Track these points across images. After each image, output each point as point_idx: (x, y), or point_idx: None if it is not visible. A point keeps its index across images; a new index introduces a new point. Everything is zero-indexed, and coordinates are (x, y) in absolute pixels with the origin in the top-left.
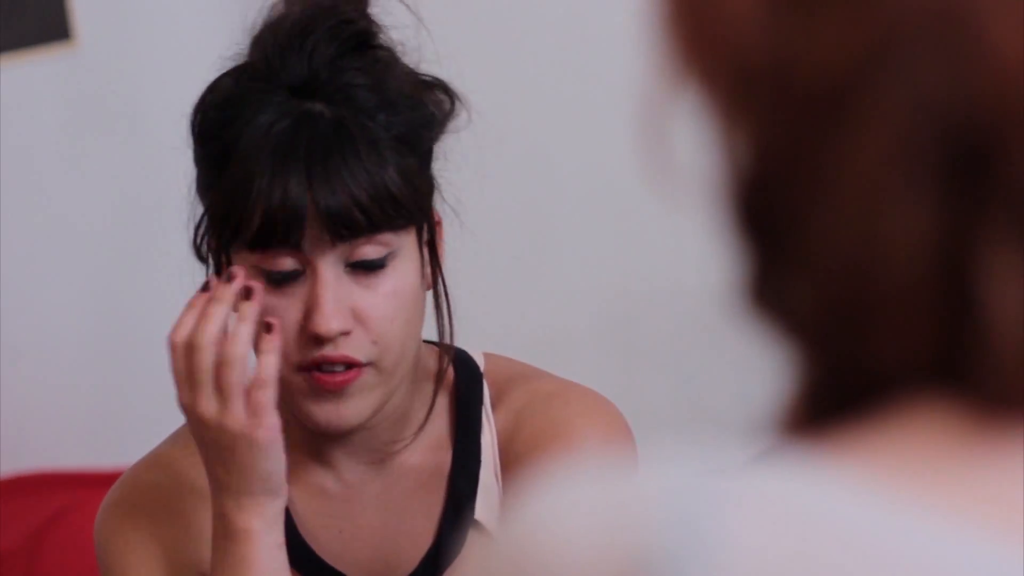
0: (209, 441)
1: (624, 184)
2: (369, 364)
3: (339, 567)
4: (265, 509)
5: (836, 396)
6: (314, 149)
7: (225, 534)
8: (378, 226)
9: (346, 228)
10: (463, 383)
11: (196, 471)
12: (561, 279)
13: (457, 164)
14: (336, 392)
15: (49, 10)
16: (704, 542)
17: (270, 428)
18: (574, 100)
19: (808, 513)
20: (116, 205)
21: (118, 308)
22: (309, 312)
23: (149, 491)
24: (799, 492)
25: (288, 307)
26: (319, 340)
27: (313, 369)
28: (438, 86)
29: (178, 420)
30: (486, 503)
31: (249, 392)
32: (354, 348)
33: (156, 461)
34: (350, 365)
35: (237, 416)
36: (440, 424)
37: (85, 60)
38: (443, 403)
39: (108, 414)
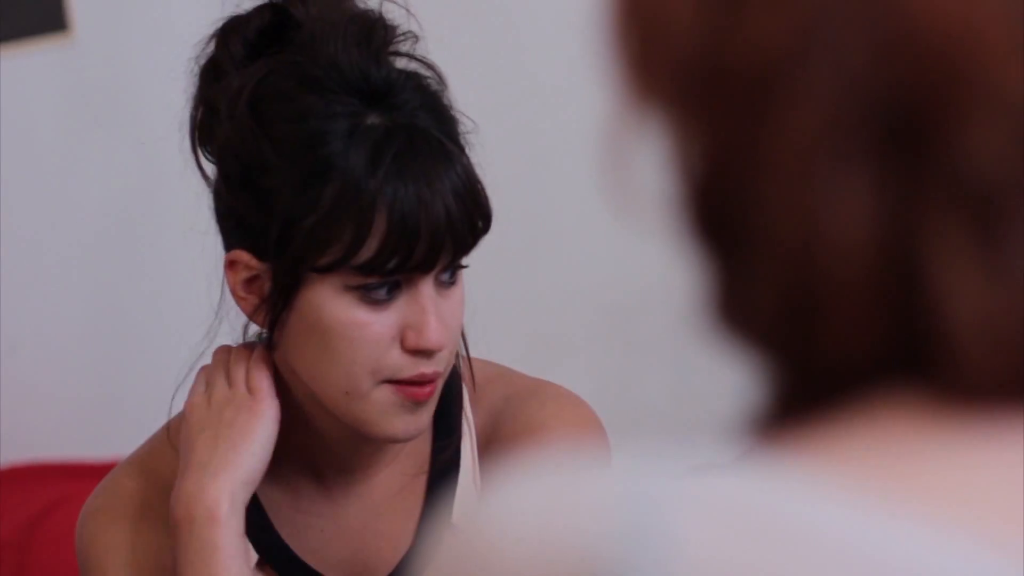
0: (209, 420)
1: None
2: (441, 372)
3: (319, 568)
4: (236, 491)
5: (803, 398)
6: (440, 176)
7: (190, 517)
8: (478, 241)
9: (463, 247)
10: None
11: (176, 474)
12: (558, 276)
13: None
14: (419, 403)
15: (45, 1)
16: (656, 547)
17: (271, 404)
18: (569, 100)
19: (761, 516)
20: (112, 197)
21: (114, 299)
22: (414, 328)
23: (131, 497)
24: (753, 495)
25: (381, 320)
26: (424, 355)
27: (402, 383)
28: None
29: (172, 411)
30: (464, 507)
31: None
32: (440, 359)
33: (136, 467)
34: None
35: (243, 392)
36: None
37: (82, 51)
38: None
39: (104, 405)
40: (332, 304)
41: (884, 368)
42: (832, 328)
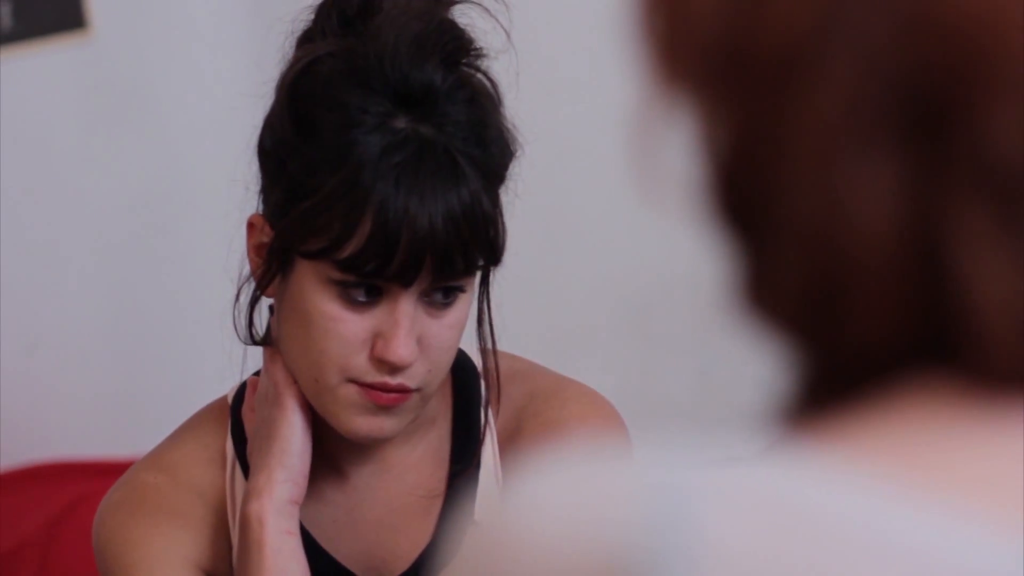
0: (258, 422)
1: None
2: (417, 390)
3: (336, 557)
4: (276, 489)
5: (830, 386)
6: (436, 193)
7: (243, 518)
8: (473, 270)
9: (451, 271)
10: (461, 382)
11: (195, 469)
12: (579, 269)
13: None
14: (383, 408)
15: None
16: (685, 538)
17: (289, 393)
18: (593, 88)
19: (789, 507)
20: (132, 195)
21: (134, 298)
22: (383, 338)
23: (149, 492)
24: (780, 486)
25: (356, 321)
26: (387, 366)
27: (364, 384)
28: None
29: (193, 409)
30: (486, 505)
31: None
32: (411, 376)
33: (155, 462)
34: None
35: (271, 388)
36: (441, 424)
37: (100, 49)
38: (443, 402)
39: (124, 404)
40: (314, 292)
41: (910, 354)
42: (857, 312)
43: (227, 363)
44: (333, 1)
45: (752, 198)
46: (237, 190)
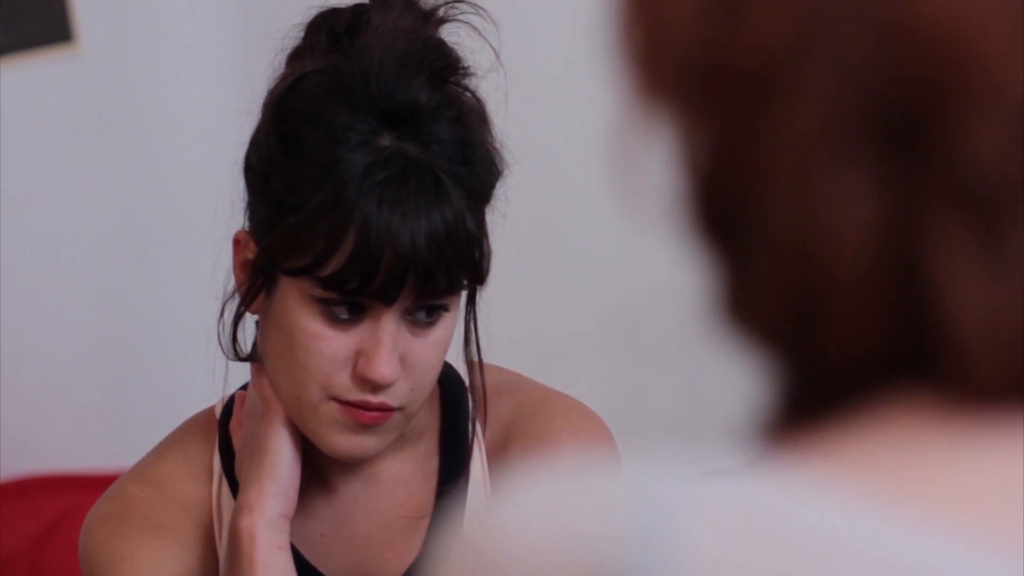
0: (246, 435)
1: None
2: (400, 408)
3: (323, 571)
4: (268, 504)
5: (810, 400)
6: (419, 212)
7: (234, 532)
8: (456, 289)
9: (433, 289)
10: (449, 395)
11: (182, 483)
12: (567, 281)
13: None
14: (365, 426)
15: (51, 12)
16: (665, 551)
17: (276, 408)
18: (575, 101)
19: (770, 521)
20: (118, 209)
21: (120, 310)
22: (365, 356)
23: (136, 505)
24: (762, 500)
25: (338, 339)
26: (369, 384)
27: (346, 402)
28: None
29: (180, 421)
30: (475, 518)
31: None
32: (393, 395)
33: (142, 475)
34: (384, 408)
35: (259, 402)
36: (429, 437)
37: (87, 62)
38: (432, 416)
39: (112, 416)
40: (297, 310)
41: (890, 368)
42: (835, 326)
43: (213, 377)
44: (322, 19)
45: (731, 211)
46: (224, 205)
